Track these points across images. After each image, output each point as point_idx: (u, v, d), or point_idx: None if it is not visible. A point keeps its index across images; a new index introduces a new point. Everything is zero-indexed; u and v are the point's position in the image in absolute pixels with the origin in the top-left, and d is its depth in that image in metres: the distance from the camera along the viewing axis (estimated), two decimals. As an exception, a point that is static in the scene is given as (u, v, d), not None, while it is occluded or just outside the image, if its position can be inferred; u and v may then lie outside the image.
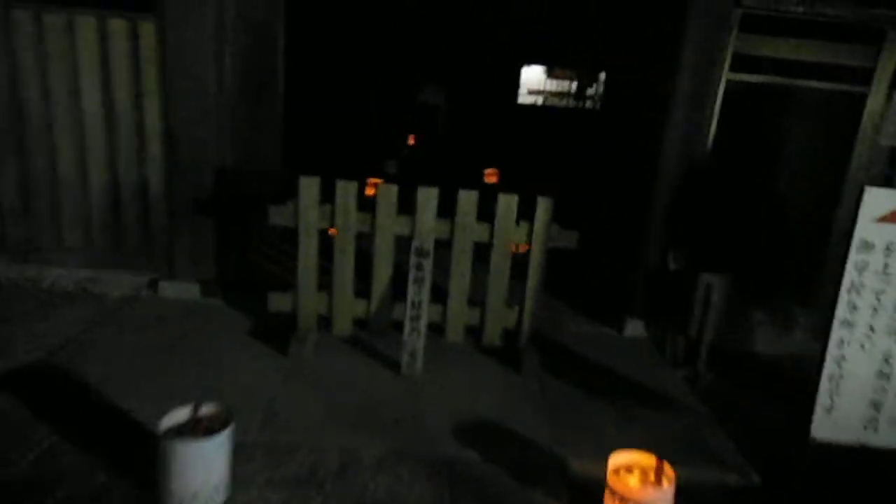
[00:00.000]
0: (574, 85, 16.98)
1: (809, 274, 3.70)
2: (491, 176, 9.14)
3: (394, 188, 3.11)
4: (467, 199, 3.07)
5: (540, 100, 17.44)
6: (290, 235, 3.19)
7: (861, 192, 2.03)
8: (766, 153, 3.64)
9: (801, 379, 2.47)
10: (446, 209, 3.11)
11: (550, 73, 17.70)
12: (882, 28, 3.39)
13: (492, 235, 3.09)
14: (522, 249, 3.18)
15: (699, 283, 3.37)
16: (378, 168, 8.90)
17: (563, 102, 16.99)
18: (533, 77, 17.29)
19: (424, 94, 12.91)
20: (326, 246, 3.15)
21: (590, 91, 14.33)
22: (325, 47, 9.28)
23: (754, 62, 3.50)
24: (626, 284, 3.80)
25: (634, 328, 3.74)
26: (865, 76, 3.46)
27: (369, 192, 7.24)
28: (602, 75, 13.79)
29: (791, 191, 3.66)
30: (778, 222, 3.66)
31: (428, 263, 2.98)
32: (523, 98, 16.27)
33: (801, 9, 3.37)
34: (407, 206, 3.10)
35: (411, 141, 12.40)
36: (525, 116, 14.36)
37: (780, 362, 3.59)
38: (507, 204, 3.07)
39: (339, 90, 9.95)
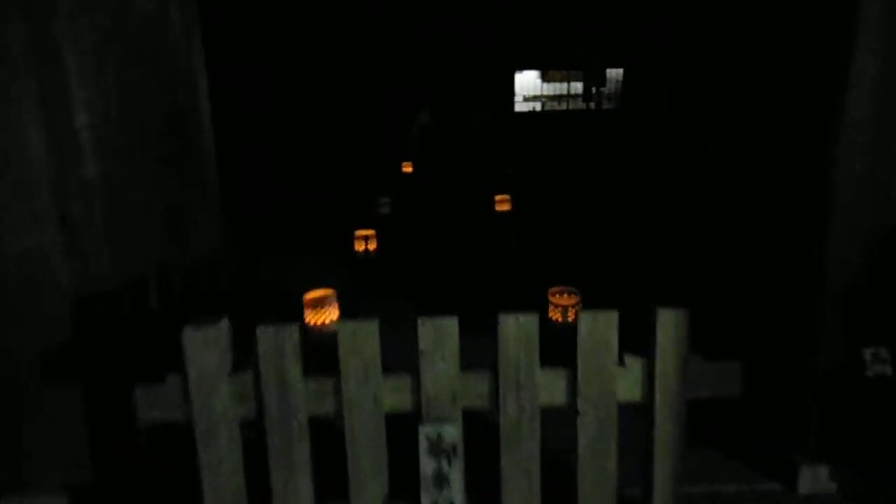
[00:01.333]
0: (572, 87, 15.58)
1: None
2: (503, 203, 7.66)
3: (371, 328, 1.59)
4: (519, 331, 1.55)
5: (538, 105, 16.05)
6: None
7: None
8: None
9: None
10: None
11: (546, 77, 16.31)
12: None
13: (574, 391, 1.57)
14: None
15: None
16: (369, 209, 7.42)
17: (562, 106, 15.58)
18: (527, 83, 15.91)
19: (417, 116, 11.41)
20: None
21: (603, 90, 12.86)
22: (276, 68, 7.79)
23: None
24: (789, 401, 2.26)
25: (815, 479, 2.19)
26: None
27: (359, 247, 5.78)
28: (612, 72, 12.34)
29: None
30: None
31: (455, 469, 1.47)
32: (519, 106, 14.88)
33: None
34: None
35: (407, 168, 10.89)
36: (526, 125, 12.92)
37: None
38: (599, 330, 1.55)
39: (306, 121, 8.42)
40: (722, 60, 2.87)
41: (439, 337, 1.53)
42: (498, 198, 7.54)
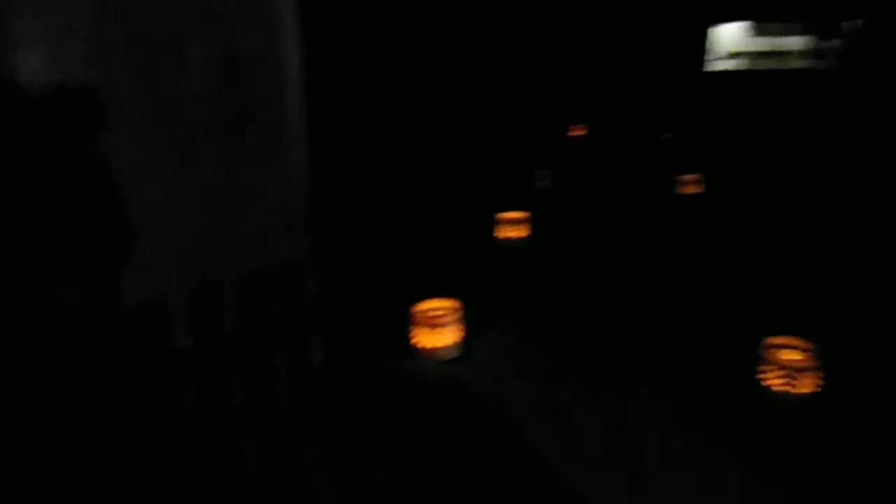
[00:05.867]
0: (788, 41, 12.91)
1: None
2: (690, 185, 6.10)
3: None
4: None
5: (743, 63, 13.55)
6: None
7: None
8: None
9: None
10: None
11: (760, 30, 13.72)
12: None
13: None
14: None
15: None
16: (524, 185, 6.28)
17: (773, 64, 12.98)
18: (730, 36, 13.47)
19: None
20: None
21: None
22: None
23: None
24: None
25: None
26: None
27: (503, 234, 4.80)
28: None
29: None
30: None
31: None
32: (716, 64, 12.60)
33: None
34: None
35: (577, 132, 9.42)
36: (726, 89, 10.77)
37: None
38: None
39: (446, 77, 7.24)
40: None
41: None
42: (684, 178, 6.05)
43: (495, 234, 4.56)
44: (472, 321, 3.12)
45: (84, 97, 1.55)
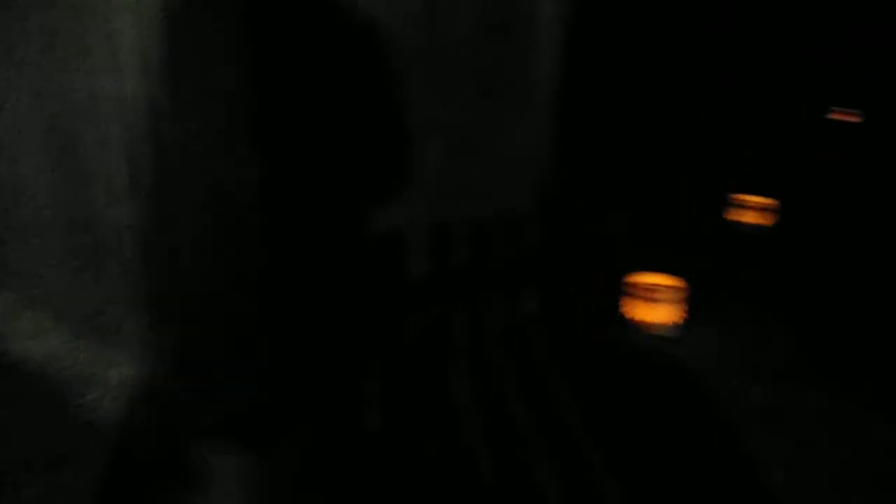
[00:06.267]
0: None
1: None
2: None
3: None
4: None
5: None
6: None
7: None
8: None
9: None
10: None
11: None
12: None
13: None
14: None
15: None
16: (766, 170, 5.52)
17: None
18: None
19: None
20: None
21: None
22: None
23: None
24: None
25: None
26: None
27: (737, 216, 4.33)
28: None
29: None
30: None
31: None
32: None
33: None
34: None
35: (843, 117, 8.02)
36: None
37: None
38: None
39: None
40: None
41: None
42: None
43: (728, 217, 4.17)
44: (693, 303, 2.92)
45: (371, 35, 1.73)
